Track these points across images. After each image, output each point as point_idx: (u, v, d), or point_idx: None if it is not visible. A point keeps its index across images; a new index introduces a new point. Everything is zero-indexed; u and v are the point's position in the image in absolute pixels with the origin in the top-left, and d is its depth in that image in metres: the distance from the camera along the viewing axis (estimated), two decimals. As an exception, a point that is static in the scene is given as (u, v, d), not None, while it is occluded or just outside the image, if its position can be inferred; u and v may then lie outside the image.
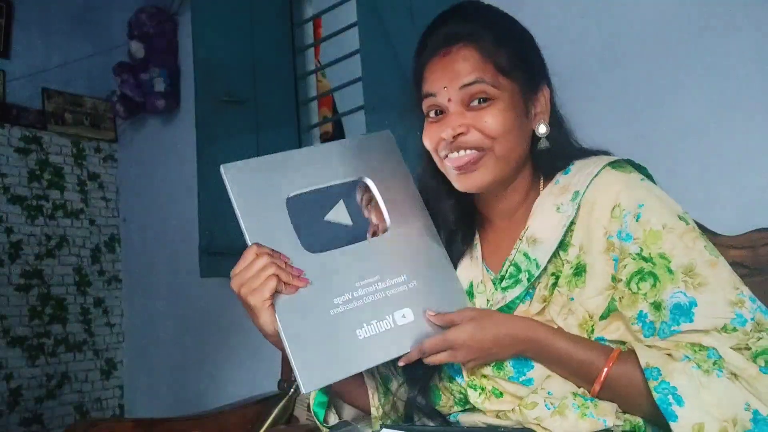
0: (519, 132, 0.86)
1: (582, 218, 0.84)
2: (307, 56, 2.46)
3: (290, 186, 0.86)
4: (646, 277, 0.78)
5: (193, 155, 2.23)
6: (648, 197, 0.81)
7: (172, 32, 2.69)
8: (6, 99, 2.71)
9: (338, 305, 0.81)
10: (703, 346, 0.74)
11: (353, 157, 0.91)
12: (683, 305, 0.76)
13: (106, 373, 2.92)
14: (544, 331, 0.81)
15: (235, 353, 2.42)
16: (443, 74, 0.85)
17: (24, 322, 2.69)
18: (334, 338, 0.79)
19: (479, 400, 0.86)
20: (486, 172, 0.85)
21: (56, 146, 2.87)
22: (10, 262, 2.68)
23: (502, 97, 0.84)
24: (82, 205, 2.92)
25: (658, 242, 0.78)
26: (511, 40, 0.86)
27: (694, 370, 0.72)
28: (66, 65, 2.87)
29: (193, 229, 2.24)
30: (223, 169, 0.83)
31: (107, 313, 2.95)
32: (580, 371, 0.79)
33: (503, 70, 0.84)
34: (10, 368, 2.63)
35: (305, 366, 0.76)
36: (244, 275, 0.79)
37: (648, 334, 0.78)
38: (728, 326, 0.74)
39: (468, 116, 0.84)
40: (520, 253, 0.86)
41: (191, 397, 2.58)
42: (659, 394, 0.72)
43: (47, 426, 2.69)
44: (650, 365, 0.74)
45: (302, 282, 0.80)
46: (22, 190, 2.74)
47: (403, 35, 1.74)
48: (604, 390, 0.78)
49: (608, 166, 0.84)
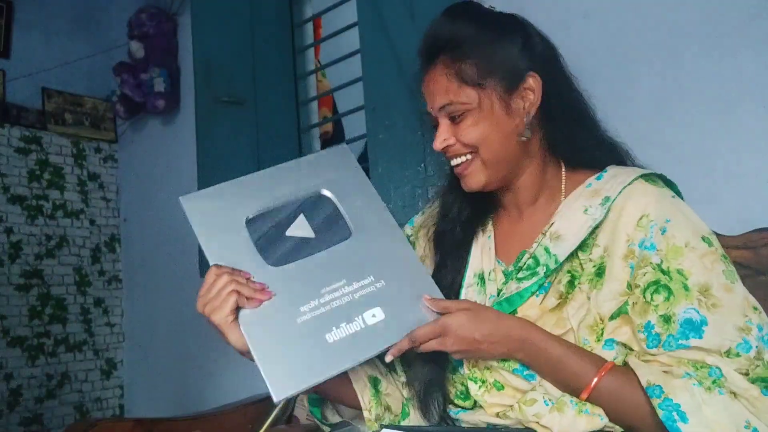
0: (501, 133, 0.88)
1: (609, 222, 0.85)
2: (307, 56, 2.46)
3: (248, 208, 0.90)
4: (660, 289, 0.79)
5: (193, 155, 2.23)
6: (676, 214, 0.83)
7: (172, 32, 2.69)
8: (6, 99, 2.71)
9: (305, 313, 0.83)
10: (706, 364, 0.75)
11: (309, 173, 0.95)
12: (695, 321, 0.77)
13: (106, 373, 2.92)
14: (539, 334, 0.82)
15: (235, 353, 2.40)
16: (427, 95, 0.92)
17: (24, 322, 2.69)
18: (303, 345, 0.81)
19: (479, 392, 0.87)
20: (478, 175, 0.90)
21: (56, 146, 2.87)
22: (10, 262, 2.68)
23: (472, 109, 0.87)
24: (82, 205, 2.92)
25: (678, 258, 0.79)
26: (478, 47, 0.88)
27: (696, 388, 0.73)
28: (66, 65, 2.87)
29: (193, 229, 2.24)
30: (182, 200, 0.89)
31: (107, 313, 2.95)
32: (570, 379, 0.80)
33: (470, 82, 0.87)
34: (10, 368, 2.63)
35: (274, 375, 0.78)
36: (206, 296, 0.82)
37: (651, 346, 0.79)
38: (732, 350, 0.75)
39: (452, 129, 0.90)
40: (542, 247, 0.87)
41: (191, 397, 2.58)
42: (663, 411, 0.73)
43: (47, 426, 2.69)
44: (651, 383, 0.75)
45: (265, 295, 0.82)
46: (22, 190, 2.74)
47: (403, 35, 1.74)
48: (591, 401, 0.79)
49: (642, 177, 0.86)
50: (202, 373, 2.57)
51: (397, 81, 1.75)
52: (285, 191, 0.92)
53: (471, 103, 0.87)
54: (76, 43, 2.93)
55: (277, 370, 0.79)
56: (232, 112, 2.20)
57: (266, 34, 2.31)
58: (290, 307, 0.83)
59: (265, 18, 2.31)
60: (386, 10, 1.78)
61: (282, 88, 2.33)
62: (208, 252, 0.86)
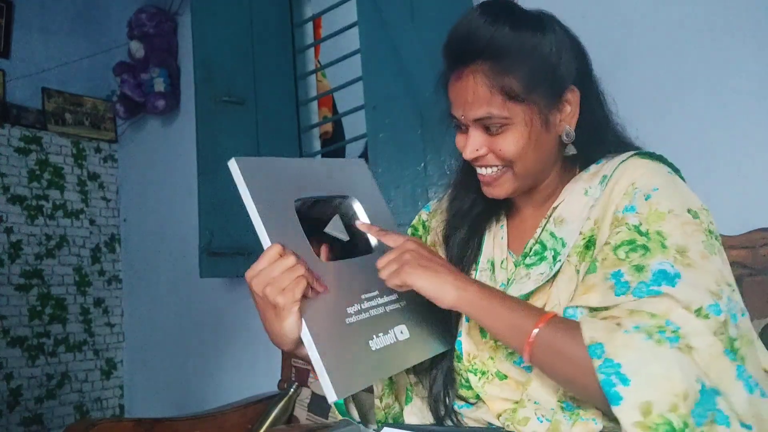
0: (538, 146, 0.85)
1: (603, 195, 0.84)
2: (307, 56, 2.46)
3: (297, 190, 0.83)
4: (637, 248, 0.75)
5: (193, 155, 2.23)
6: (666, 184, 0.80)
7: (172, 32, 2.69)
8: (6, 99, 2.71)
9: (351, 315, 0.80)
10: (665, 315, 0.69)
11: (338, 177, 0.91)
12: (669, 273, 0.72)
13: (106, 373, 2.92)
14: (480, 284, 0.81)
15: (235, 353, 2.42)
16: (458, 101, 0.86)
17: (24, 322, 2.69)
18: (354, 347, 0.78)
19: (479, 384, 0.87)
20: (507, 186, 0.88)
21: (56, 146, 2.87)
22: (10, 262, 2.68)
23: (515, 122, 0.83)
24: (82, 205, 2.92)
25: (659, 221, 0.77)
26: (527, 57, 0.82)
27: (644, 342, 0.67)
28: (66, 65, 2.87)
29: (193, 229, 2.24)
30: (236, 161, 0.78)
31: (107, 313, 2.95)
32: (513, 331, 0.77)
33: (515, 97, 0.82)
34: (10, 368, 2.63)
35: (335, 373, 0.73)
36: (268, 274, 0.74)
37: (619, 293, 0.73)
38: (703, 310, 0.70)
39: (485, 139, 0.85)
40: (546, 232, 0.87)
41: (191, 397, 2.58)
42: (603, 375, 0.66)
43: (47, 426, 2.69)
44: (594, 340, 0.69)
45: (323, 287, 0.78)
46: (22, 190, 2.74)
47: (404, 35, 1.74)
48: (534, 361, 0.76)
49: (637, 154, 0.85)
50: (202, 373, 2.57)
51: (397, 81, 1.75)
52: (325, 184, 0.88)
53: (513, 118, 0.83)
54: (76, 43, 2.93)
55: (337, 369, 0.74)
56: (232, 112, 2.20)
57: (266, 34, 2.31)
58: (341, 307, 0.80)
59: (265, 18, 2.31)
60: (386, 10, 1.79)
61: (282, 88, 2.34)
62: (266, 225, 0.76)
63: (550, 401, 0.80)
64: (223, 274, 2.25)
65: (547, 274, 0.84)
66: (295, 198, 0.83)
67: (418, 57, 1.70)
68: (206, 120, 2.20)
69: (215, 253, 2.15)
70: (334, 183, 0.90)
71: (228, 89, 2.21)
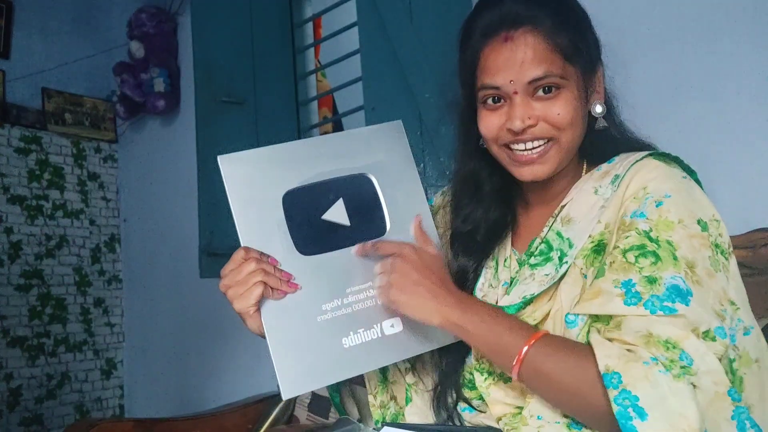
0: (582, 117, 0.84)
1: (615, 198, 0.81)
2: (307, 56, 2.46)
3: (288, 180, 0.83)
4: (648, 254, 0.73)
5: (193, 155, 2.23)
6: (679, 191, 0.78)
7: (172, 32, 2.69)
8: (6, 99, 2.71)
9: (326, 311, 0.80)
10: (679, 346, 0.67)
11: (358, 150, 0.87)
12: (682, 289, 0.70)
13: (106, 373, 2.92)
14: (475, 299, 0.80)
15: (235, 353, 2.42)
16: (507, 65, 0.80)
17: (24, 322, 2.69)
18: (319, 346, 0.79)
19: (484, 384, 0.85)
20: (551, 163, 0.83)
21: (56, 146, 2.87)
22: (10, 262, 2.68)
23: (568, 86, 0.80)
24: (82, 205, 2.92)
25: (668, 230, 0.74)
26: (572, 21, 0.82)
27: (662, 375, 0.65)
28: (66, 65, 2.87)
29: (193, 229, 2.24)
30: (220, 160, 0.80)
31: (107, 313, 2.95)
32: (499, 353, 0.76)
33: (568, 57, 0.80)
34: (10, 368, 2.63)
35: (287, 372, 0.77)
36: (231, 278, 0.78)
37: (629, 303, 0.71)
38: (711, 332, 0.69)
39: (535, 107, 0.80)
40: (553, 232, 0.84)
41: (191, 397, 2.58)
42: (619, 407, 0.65)
43: (47, 426, 2.69)
44: (610, 369, 0.67)
45: (291, 287, 0.80)
46: (22, 190, 2.74)
47: (403, 35, 1.75)
48: (524, 379, 0.75)
49: (652, 155, 0.83)
50: (202, 373, 2.57)
51: (397, 81, 1.75)
52: (330, 166, 0.85)
53: (569, 79, 0.80)
54: (76, 43, 2.93)
55: (290, 368, 0.77)
56: (232, 112, 2.20)
57: (266, 34, 2.31)
58: (313, 304, 0.80)
59: (265, 18, 2.31)
60: (386, 11, 1.79)
61: (282, 88, 2.34)
62: (239, 226, 0.80)
63: (554, 416, 0.77)
64: (223, 274, 2.25)
65: (552, 276, 0.81)
66: (287, 189, 0.82)
67: (417, 58, 1.70)
68: (206, 120, 2.20)
69: (215, 253, 2.15)
70: (351, 160, 0.86)
71: (228, 89, 2.21)
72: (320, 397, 1.72)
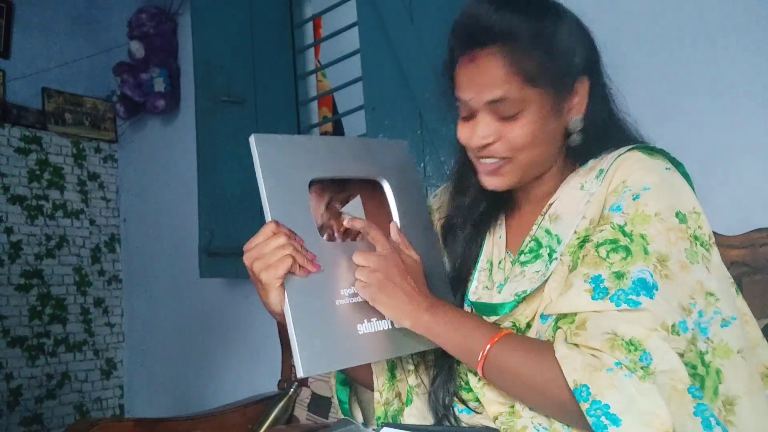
0: (547, 135, 0.85)
1: (599, 193, 0.82)
2: (307, 56, 2.46)
3: (315, 169, 0.86)
4: (619, 249, 0.75)
5: (193, 155, 2.23)
6: (659, 184, 0.78)
7: (172, 32, 2.69)
8: (6, 99, 2.71)
9: (344, 296, 0.82)
10: (642, 346, 0.69)
11: (373, 157, 0.92)
12: (648, 283, 0.72)
13: (106, 373, 2.92)
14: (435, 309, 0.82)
15: (235, 353, 2.42)
16: (470, 84, 0.83)
17: (24, 322, 2.69)
18: (337, 329, 0.80)
19: (478, 385, 0.86)
20: (509, 178, 0.87)
21: (56, 146, 2.87)
22: (10, 262, 2.68)
23: (529, 108, 0.82)
24: (82, 205, 2.92)
25: (644, 224, 0.76)
26: (544, 39, 0.81)
27: (627, 379, 0.68)
28: (66, 65, 2.87)
29: (193, 229, 2.24)
30: (254, 138, 0.81)
31: (107, 313, 2.95)
32: (466, 354, 0.80)
33: (532, 80, 0.80)
34: (10, 368, 2.63)
35: (307, 350, 0.77)
36: (260, 250, 0.78)
37: (596, 298, 0.73)
38: (675, 327, 0.71)
39: (496, 126, 0.83)
40: (542, 229, 0.86)
41: (191, 397, 2.58)
42: (592, 417, 0.67)
43: (47, 426, 2.69)
44: (578, 382, 0.69)
45: (315, 267, 0.80)
46: (22, 190, 2.74)
47: (403, 36, 1.75)
48: (488, 376, 0.79)
49: (636, 148, 0.83)
50: (202, 373, 2.57)
51: (397, 81, 1.76)
52: (351, 165, 0.89)
53: (528, 102, 0.81)
54: (76, 43, 2.93)
55: (309, 346, 0.77)
56: (232, 112, 2.20)
57: (266, 34, 2.31)
58: (333, 287, 0.82)
59: (265, 18, 2.32)
60: (386, 11, 1.79)
61: (282, 88, 2.34)
62: (269, 202, 0.80)
63: None
64: (223, 274, 2.25)
65: (543, 273, 0.82)
66: (313, 177, 0.85)
67: (417, 58, 1.70)
68: (206, 120, 2.21)
69: (215, 253, 2.15)
70: (366, 164, 0.91)
71: (228, 89, 2.21)
72: (320, 397, 1.72)
